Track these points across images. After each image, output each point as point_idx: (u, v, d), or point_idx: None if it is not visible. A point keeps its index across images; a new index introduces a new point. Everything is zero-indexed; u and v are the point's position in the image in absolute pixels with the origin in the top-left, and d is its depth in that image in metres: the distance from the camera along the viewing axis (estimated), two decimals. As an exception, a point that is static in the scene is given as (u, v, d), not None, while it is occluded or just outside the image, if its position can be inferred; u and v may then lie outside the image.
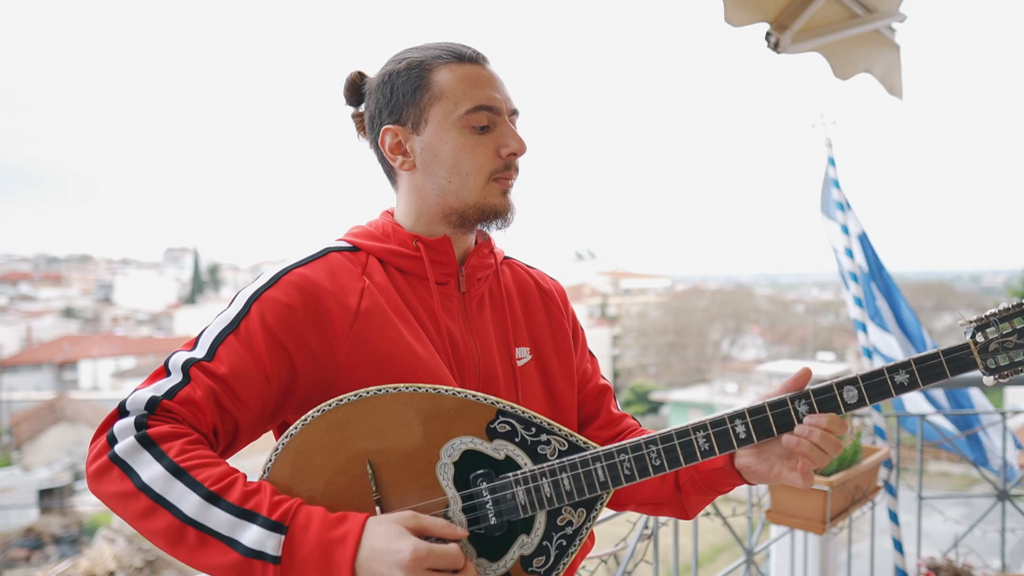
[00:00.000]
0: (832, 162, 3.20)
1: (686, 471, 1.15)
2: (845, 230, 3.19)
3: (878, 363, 3.29)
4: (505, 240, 1.26)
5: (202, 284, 58.05)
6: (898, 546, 2.89)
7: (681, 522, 2.34)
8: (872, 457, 2.53)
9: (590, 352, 1.36)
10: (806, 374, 1.04)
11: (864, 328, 3.09)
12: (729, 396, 33.46)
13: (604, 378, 1.35)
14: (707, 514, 2.35)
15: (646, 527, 2.13)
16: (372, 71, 1.19)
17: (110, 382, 33.84)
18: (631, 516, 2.21)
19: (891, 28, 2.81)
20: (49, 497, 21.75)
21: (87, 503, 22.00)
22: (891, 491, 2.90)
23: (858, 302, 3.12)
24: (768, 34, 2.50)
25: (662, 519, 2.22)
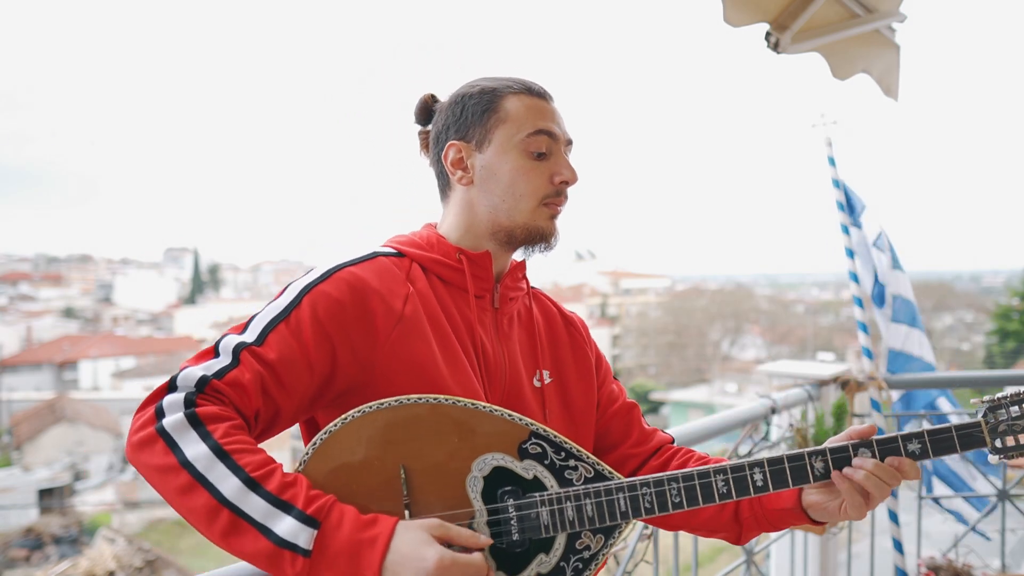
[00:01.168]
0: (832, 162, 3.20)
1: (748, 506, 1.20)
2: (845, 230, 3.19)
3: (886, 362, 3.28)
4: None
5: (202, 284, 58.03)
6: (898, 546, 2.89)
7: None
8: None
9: (615, 378, 1.40)
10: (872, 429, 1.10)
11: (865, 329, 3.09)
12: (729, 396, 33.48)
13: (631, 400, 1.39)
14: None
15: (646, 527, 2.13)
16: (439, 91, 1.29)
17: (110, 382, 33.85)
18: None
19: (891, 28, 2.81)
20: (49, 497, 21.76)
21: (87, 503, 22.02)
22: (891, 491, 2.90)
23: (858, 302, 3.12)
24: (768, 34, 2.50)
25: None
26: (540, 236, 1.20)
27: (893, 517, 2.89)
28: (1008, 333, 27.67)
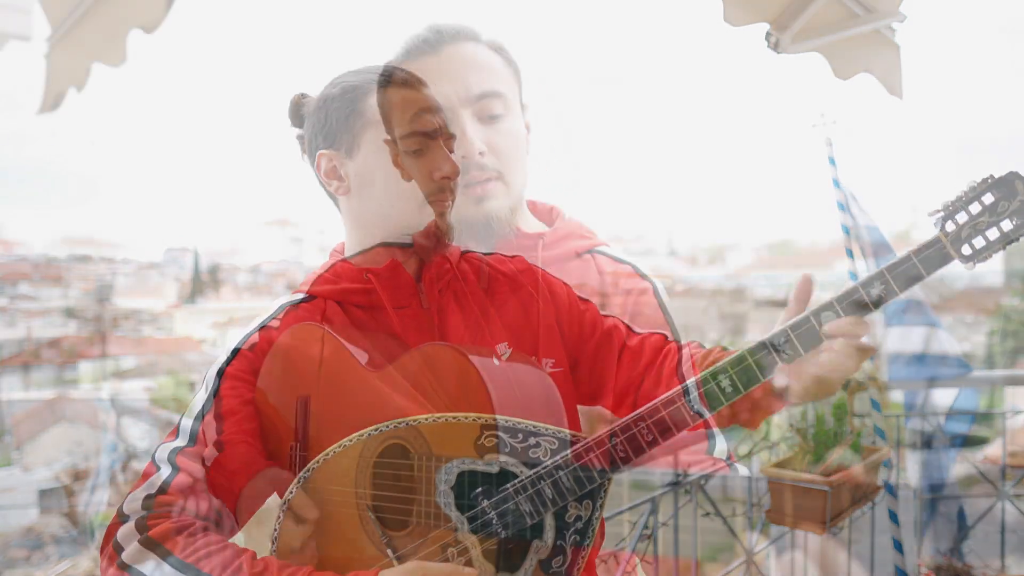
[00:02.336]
0: (832, 162, 3.20)
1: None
2: (845, 230, 3.18)
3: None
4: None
5: (202, 284, 58.06)
6: (898, 546, 2.88)
7: (681, 522, 2.33)
8: (872, 457, 2.53)
9: (580, 298, 1.29)
10: (806, 280, 1.03)
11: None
12: (729, 396, 33.41)
13: (609, 316, 1.28)
14: (707, 514, 2.35)
15: (646, 527, 2.13)
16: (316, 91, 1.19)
17: (110, 382, 33.84)
18: (631, 516, 2.20)
19: (891, 28, 2.81)
20: (49, 497, 21.78)
21: (87, 503, 22.02)
22: (891, 491, 2.89)
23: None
24: (768, 34, 2.50)
25: (662, 519, 2.23)
26: (434, 234, 1.14)
27: (893, 517, 2.89)
28: (1008, 333, 27.70)
